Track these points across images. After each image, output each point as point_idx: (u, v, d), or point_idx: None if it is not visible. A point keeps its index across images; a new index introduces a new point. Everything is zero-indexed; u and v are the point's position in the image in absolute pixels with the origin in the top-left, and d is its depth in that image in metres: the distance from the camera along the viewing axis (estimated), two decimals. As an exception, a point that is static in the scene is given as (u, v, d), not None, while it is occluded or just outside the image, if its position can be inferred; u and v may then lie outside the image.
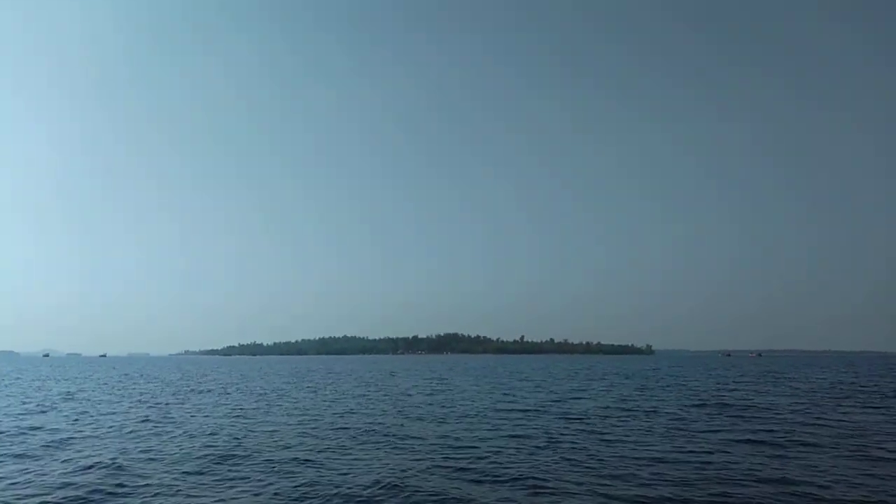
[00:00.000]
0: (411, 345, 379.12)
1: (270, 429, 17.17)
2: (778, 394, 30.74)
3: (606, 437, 15.56)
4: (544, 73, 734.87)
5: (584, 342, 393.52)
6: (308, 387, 37.09)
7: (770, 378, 48.77)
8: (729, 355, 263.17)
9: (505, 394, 30.45)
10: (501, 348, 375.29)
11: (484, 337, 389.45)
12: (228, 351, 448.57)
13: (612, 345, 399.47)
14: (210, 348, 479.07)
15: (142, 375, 57.06)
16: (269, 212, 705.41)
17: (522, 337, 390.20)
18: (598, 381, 43.55)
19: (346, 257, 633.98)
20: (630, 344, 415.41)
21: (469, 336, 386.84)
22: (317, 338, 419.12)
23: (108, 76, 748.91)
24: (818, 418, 19.69)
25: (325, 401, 26.76)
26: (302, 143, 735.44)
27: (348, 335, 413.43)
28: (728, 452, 13.33)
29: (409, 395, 29.61)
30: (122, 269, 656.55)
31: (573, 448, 13.86)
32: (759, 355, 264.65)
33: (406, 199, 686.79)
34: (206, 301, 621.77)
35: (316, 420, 19.33)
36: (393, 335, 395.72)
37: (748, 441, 14.92)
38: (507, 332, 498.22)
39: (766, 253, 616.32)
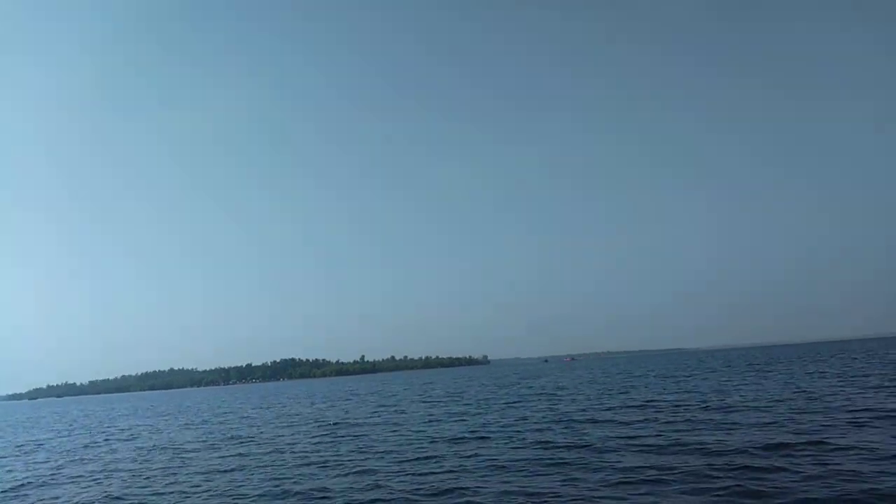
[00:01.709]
0: (245, 374, 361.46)
1: None
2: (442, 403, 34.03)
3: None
4: (374, 91, 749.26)
5: (423, 357, 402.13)
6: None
7: (493, 387, 53.40)
8: (546, 361, 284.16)
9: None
10: (341, 370, 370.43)
11: (323, 360, 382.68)
12: (35, 394, 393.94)
13: (451, 357, 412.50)
14: (12, 392, 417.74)
15: None
16: (68, 233, 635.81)
17: (363, 357, 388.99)
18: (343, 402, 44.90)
19: (167, 282, 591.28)
20: (468, 356, 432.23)
21: (307, 360, 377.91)
22: (139, 373, 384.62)
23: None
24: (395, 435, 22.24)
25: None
26: (107, 172, 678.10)
27: (175, 368, 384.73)
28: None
29: None
30: None
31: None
32: (573, 359, 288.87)
33: (232, 221, 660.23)
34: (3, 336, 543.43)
35: None
36: (226, 365, 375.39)
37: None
38: (347, 354, 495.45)
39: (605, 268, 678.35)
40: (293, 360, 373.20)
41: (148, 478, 15.31)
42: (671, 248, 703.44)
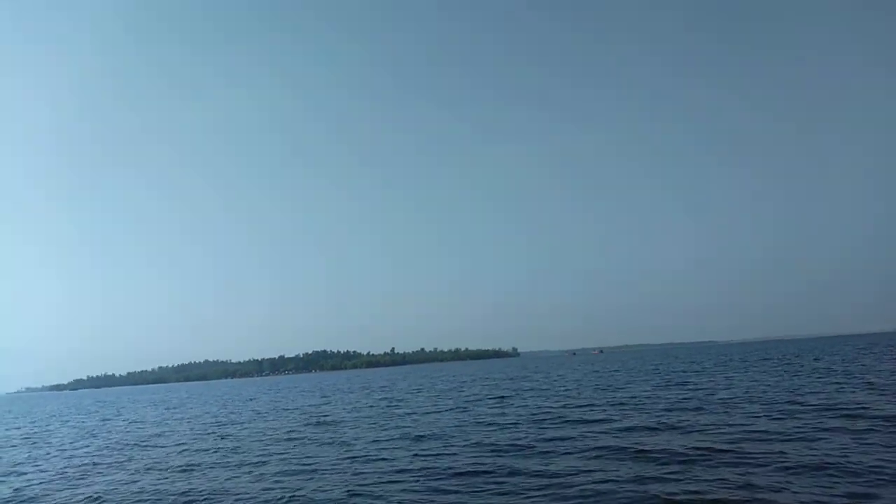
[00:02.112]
0: (277, 365, 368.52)
1: None
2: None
3: None
4: (376, 86, 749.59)
5: (453, 349, 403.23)
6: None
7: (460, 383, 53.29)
8: (574, 354, 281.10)
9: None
10: (372, 362, 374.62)
11: (354, 352, 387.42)
12: (76, 385, 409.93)
13: (480, 349, 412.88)
14: (55, 383, 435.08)
15: None
16: (109, 226, 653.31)
17: (393, 349, 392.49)
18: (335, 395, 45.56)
19: (206, 277, 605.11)
20: (497, 348, 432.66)
21: (338, 352, 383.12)
22: (175, 364, 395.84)
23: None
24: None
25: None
26: (144, 166, 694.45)
27: (210, 359, 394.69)
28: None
29: None
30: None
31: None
32: (601, 352, 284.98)
33: (242, 221, 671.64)
34: (43, 327, 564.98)
35: None
36: (259, 356, 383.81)
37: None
38: (378, 346, 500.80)
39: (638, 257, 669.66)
40: (325, 351, 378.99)
41: (69, 477, 15.93)
42: (714, 238, 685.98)
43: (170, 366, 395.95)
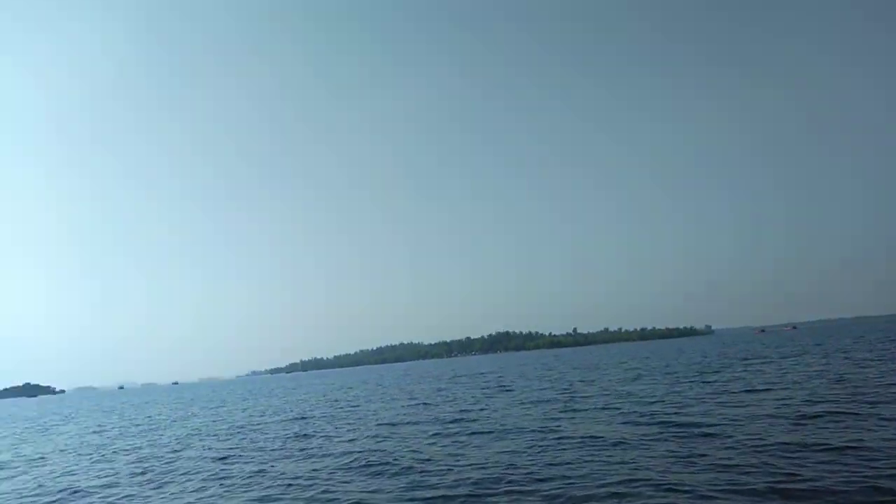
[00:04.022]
0: (465, 346, 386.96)
1: None
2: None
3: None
4: (553, 74, 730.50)
5: (638, 329, 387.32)
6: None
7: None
8: (763, 331, 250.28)
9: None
10: (554, 342, 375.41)
11: (536, 332, 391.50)
12: (291, 368, 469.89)
13: (669, 328, 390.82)
14: (274, 367, 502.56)
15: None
16: (313, 226, 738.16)
17: (575, 329, 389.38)
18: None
19: (382, 269, 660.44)
20: (689, 326, 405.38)
21: (521, 333, 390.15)
22: (374, 347, 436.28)
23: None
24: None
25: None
26: (324, 160, 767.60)
27: (404, 342, 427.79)
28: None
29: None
30: (183, 299, 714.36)
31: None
32: (795, 328, 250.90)
33: (441, 209, 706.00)
34: (267, 321, 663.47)
35: None
36: (448, 338, 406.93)
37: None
38: (559, 326, 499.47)
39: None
40: (508, 333, 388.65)
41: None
42: None
43: (369, 349, 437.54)
